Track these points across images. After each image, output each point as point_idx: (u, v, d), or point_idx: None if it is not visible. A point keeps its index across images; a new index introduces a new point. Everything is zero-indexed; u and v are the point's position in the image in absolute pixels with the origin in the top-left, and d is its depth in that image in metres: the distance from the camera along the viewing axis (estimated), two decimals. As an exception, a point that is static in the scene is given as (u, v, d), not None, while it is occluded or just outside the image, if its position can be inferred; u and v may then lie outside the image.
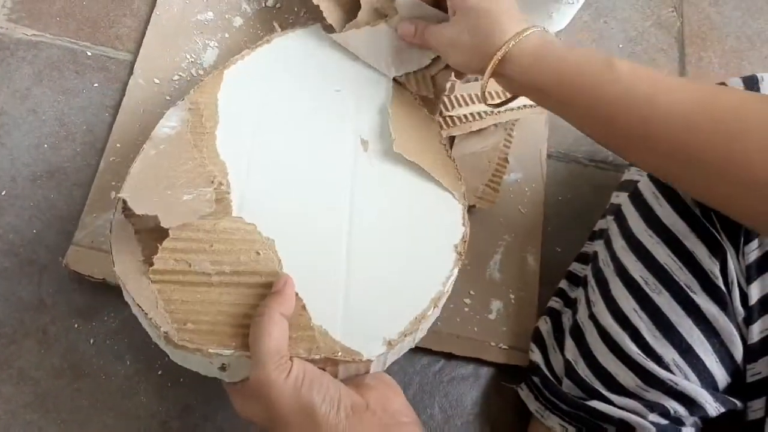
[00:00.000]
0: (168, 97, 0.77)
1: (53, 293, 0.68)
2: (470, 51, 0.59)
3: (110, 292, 0.68)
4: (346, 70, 0.67)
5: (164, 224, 0.52)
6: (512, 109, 0.76)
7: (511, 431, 0.69)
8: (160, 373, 0.66)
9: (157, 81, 0.77)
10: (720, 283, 0.57)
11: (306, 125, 0.63)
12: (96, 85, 0.77)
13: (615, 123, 0.52)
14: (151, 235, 0.54)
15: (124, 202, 0.54)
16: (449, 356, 0.71)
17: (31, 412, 0.64)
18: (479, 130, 0.77)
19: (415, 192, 0.62)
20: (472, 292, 0.73)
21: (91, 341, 0.67)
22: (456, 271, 0.59)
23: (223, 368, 0.52)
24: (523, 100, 0.69)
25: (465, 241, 0.60)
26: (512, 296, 0.74)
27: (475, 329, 0.72)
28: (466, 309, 0.72)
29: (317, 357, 0.51)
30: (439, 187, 0.62)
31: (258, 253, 0.54)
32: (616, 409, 0.59)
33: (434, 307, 0.57)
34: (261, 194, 0.58)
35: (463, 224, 0.61)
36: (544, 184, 0.80)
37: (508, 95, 0.63)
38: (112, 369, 0.66)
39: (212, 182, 0.57)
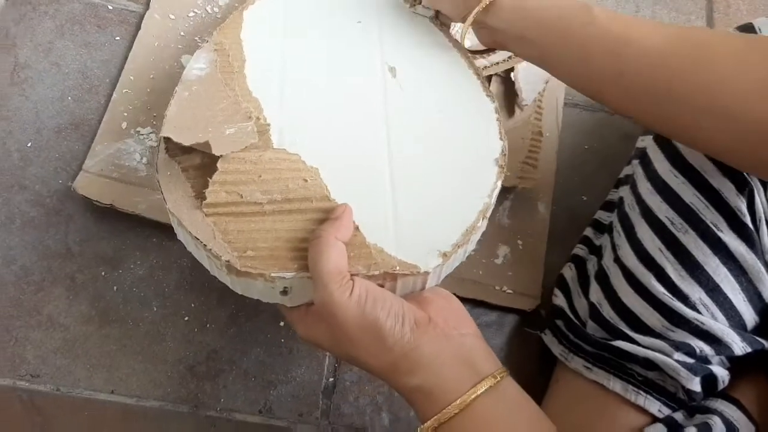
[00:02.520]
0: (182, 33, 0.77)
1: (80, 242, 0.69)
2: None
3: (135, 240, 0.69)
4: (364, 2, 0.67)
5: (215, 152, 0.53)
6: (497, 63, 0.75)
7: (536, 376, 0.69)
8: (186, 319, 0.67)
9: (172, 17, 0.78)
10: (747, 220, 0.56)
11: (331, 58, 0.63)
12: (118, 38, 0.78)
13: (591, 63, 0.53)
14: (198, 171, 0.54)
15: (167, 140, 0.53)
16: (473, 304, 0.71)
17: (61, 357, 0.65)
18: (508, 107, 0.77)
19: (449, 111, 0.61)
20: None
21: (117, 288, 0.68)
22: (500, 183, 0.58)
23: (285, 292, 0.51)
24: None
25: (505, 155, 0.59)
26: (520, 242, 0.74)
27: (480, 272, 0.71)
28: (472, 252, 0.72)
29: (376, 273, 0.51)
30: (472, 106, 0.62)
31: (305, 180, 0.54)
32: (641, 348, 0.58)
33: (483, 219, 0.56)
34: (297, 127, 0.58)
35: (501, 138, 0.60)
36: (559, 133, 0.79)
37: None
38: (139, 315, 0.67)
39: (250, 117, 0.56)
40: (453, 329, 0.50)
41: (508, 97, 0.77)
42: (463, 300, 0.69)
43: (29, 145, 0.72)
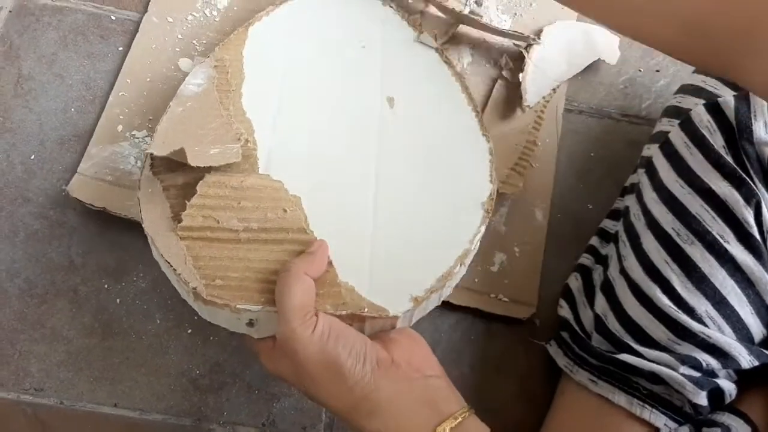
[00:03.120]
0: (180, 36, 0.77)
1: (83, 254, 0.69)
2: None
3: (138, 252, 0.69)
4: (371, 26, 0.67)
5: (191, 162, 0.52)
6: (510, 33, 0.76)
7: (541, 387, 0.69)
8: (189, 331, 0.67)
9: (170, 20, 0.78)
10: (755, 231, 0.55)
11: (332, 82, 0.63)
12: (121, 48, 0.77)
13: None
14: (179, 192, 0.55)
15: (152, 157, 0.54)
16: (477, 314, 0.70)
17: (65, 370, 0.65)
18: (507, 111, 0.76)
19: (442, 148, 0.62)
20: None
21: (120, 301, 0.67)
22: (483, 228, 0.58)
23: (251, 324, 0.52)
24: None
25: (492, 199, 0.59)
26: (517, 250, 0.73)
27: (476, 280, 0.71)
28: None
29: (344, 313, 0.51)
30: (466, 144, 0.62)
31: (285, 210, 0.54)
32: (646, 362, 0.58)
33: (460, 265, 0.56)
34: (287, 152, 0.58)
35: (491, 181, 0.60)
36: (558, 141, 0.78)
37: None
38: (142, 328, 0.67)
39: (239, 140, 0.56)
40: (416, 372, 0.50)
41: (510, 99, 0.77)
42: (459, 308, 0.70)
43: (32, 157, 0.72)
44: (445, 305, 0.69)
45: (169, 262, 0.51)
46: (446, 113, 0.63)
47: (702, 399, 0.56)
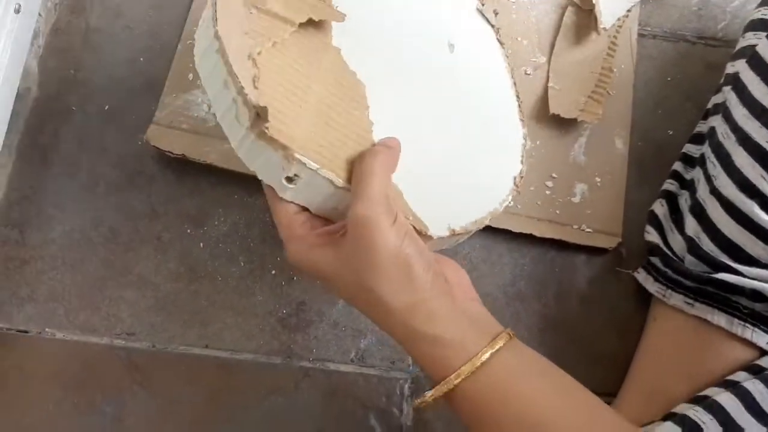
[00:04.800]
0: None
1: (163, 201, 0.69)
2: None
3: (217, 197, 0.69)
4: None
5: None
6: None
7: (630, 316, 0.68)
8: (273, 273, 0.67)
9: None
10: None
11: (396, 20, 0.60)
12: (185, -4, 0.77)
13: None
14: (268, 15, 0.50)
15: None
16: (560, 245, 0.69)
17: (155, 315, 0.66)
18: (580, 38, 0.74)
19: (484, 109, 0.61)
20: (554, 175, 0.71)
21: (203, 245, 0.68)
22: (510, 198, 0.58)
23: (291, 180, 0.46)
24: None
25: (522, 177, 0.60)
26: (598, 179, 0.71)
27: (558, 212, 0.70)
28: (548, 192, 0.70)
29: None
30: (505, 127, 0.62)
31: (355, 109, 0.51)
32: (746, 279, 0.56)
33: (490, 218, 0.56)
34: (355, 53, 0.54)
35: (521, 162, 0.61)
36: (634, 66, 0.76)
37: None
38: (227, 270, 0.67)
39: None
40: (463, 294, 0.50)
41: (581, 26, 0.75)
42: (542, 240, 0.69)
43: (106, 108, 0.72)
44: (527, 237, 0.69)
45: (237, 75, 0.45)
46: (492, 93, 0.63)
47: (807, 315, 0.54)
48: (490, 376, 0.46)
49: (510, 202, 0.59)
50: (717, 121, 0.62)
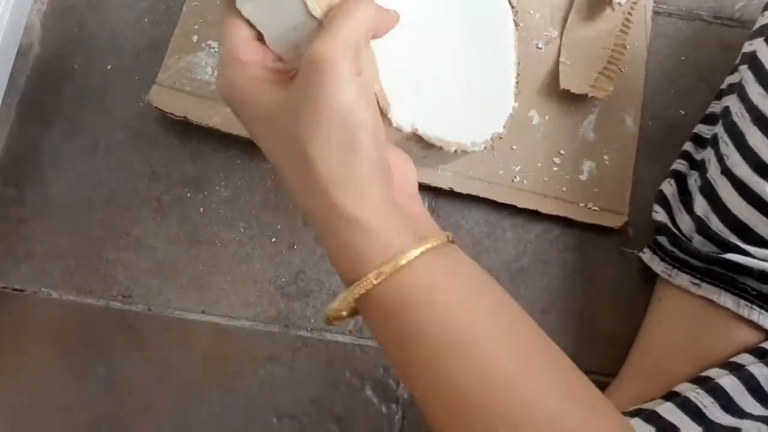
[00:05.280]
0: None
1: (164, 164, 0.68)
2: None
3: (219, 161, 0.68)
4: None
5: None
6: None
7: (634, 296, 0.67)
8: (273, 240, 0.66)
9: None
10: None
11: None
12: (192, -43, 0.75)
13: None
14: None
15: None
16: (566, 223, 0.68)
17: (152, 278, 0.65)
18: (593, 13, 0.73)
19: (486, 66, 0.59)
20: (562, 152, 0.69)
21: (203, 210, 0.67)
22: (482, 147, 0.54)
23: None
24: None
25: (500, 138, 0.57)
26: (606, 157, 0.70)
27: (564, 189, 0.68)
28: (555, 168, 0.69)
29: None
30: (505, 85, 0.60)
31: None
32: (755, 260, 0.55)
33: (454, 149, 0.51)
34: None
35: (503, 127, 0.58)
36: (648, 45, 0.74)
37: None
38: (226, 236, 0.66)
39: None
40: (403, 188, 0.44)
41: (596, 0, 0.73)
42: (546, 218, 0.68)
43: (109, 68, 0.71)
44: (532, 214, 0.68)
45: None
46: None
47: (816, 297, 0.53)
48: (414, 279, 0.39)
49: (479, 149, 0.54)
50: (732, 101, 0.61)
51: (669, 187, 0.66)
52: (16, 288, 0.64)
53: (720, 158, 0.60)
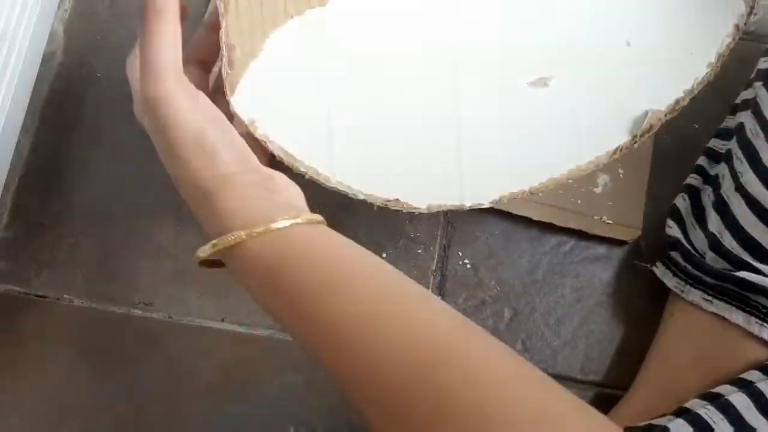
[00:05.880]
0: None
1: (185, 173, 0.69)
2: None
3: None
4: None
5: None
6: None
7: (644, 310, 0.67)
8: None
9: None
10: None
11: None
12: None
13: None
14: None
15: None
16: (580, 236, 0.69)
17: (172, 286, 0.66)
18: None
19: None
20: None
21: (223, 219, 0.68)
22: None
23: None
24: None
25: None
26: (621, 171, 0.71)
27: (579, 202, 0.69)
28: (570, 180, 0.69)
29: None
30: None
31: None
32: (766, 279, 0.56)
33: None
34: None
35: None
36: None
37: None
38: (245, 245, 0.67)
39: None
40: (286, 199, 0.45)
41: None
42: (560, 230, 0.69)
43: (131, 76, 0.72)
44: (546, 226, 0.68)
45: None
46: None
47: (827, 317, 0.54)
48: (289, 237, 0.41)
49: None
50: (746, 117, 0.62)
51: (682, 202, 0.67)
52: (38, 294, 0.65)
53: (734, 175, 0.61)
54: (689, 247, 0.64)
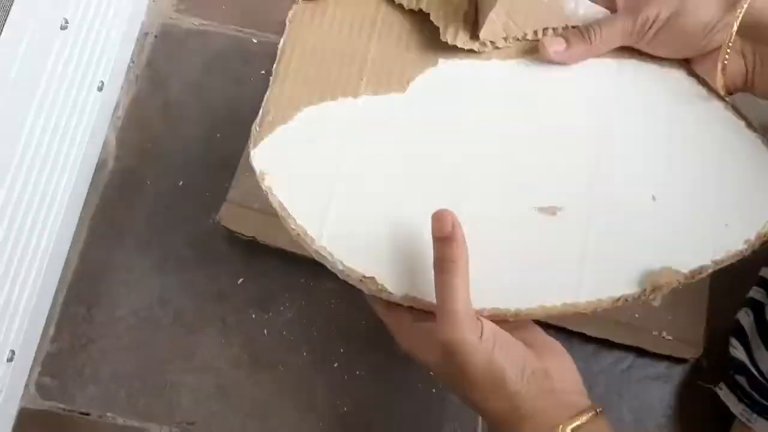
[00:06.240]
0: None
1: (230, 283, 0.68)
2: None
3: (284, 280, 0.69)
4: None
5: None
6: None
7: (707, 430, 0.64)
8: (336, 365, 0.66)
9: None
10: None
11: None
12: (263, 72, 0.77)
13: None
14: None
15: None
16: (638, 353, 0.66)
17: (215, 402, 0.65)
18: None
19: None
20: None
21: (267, 332, 0.67)
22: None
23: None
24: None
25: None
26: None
27: (637, 315, 0.66)
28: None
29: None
30: None
31: None
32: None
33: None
34: None
35: None
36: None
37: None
38: (289, 360, 0.66)
39: None
40: (568, 388, 0.47)
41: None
42: (618, 346, 0.66)
43: (180, 183, 0.72)
44: (603, 342, 0.66)
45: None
46: None
47: None
48: None
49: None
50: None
51: (746, 318, 0.64)
52: (82, 411, 0.64)
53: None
54: (754, 371, 0.60)
